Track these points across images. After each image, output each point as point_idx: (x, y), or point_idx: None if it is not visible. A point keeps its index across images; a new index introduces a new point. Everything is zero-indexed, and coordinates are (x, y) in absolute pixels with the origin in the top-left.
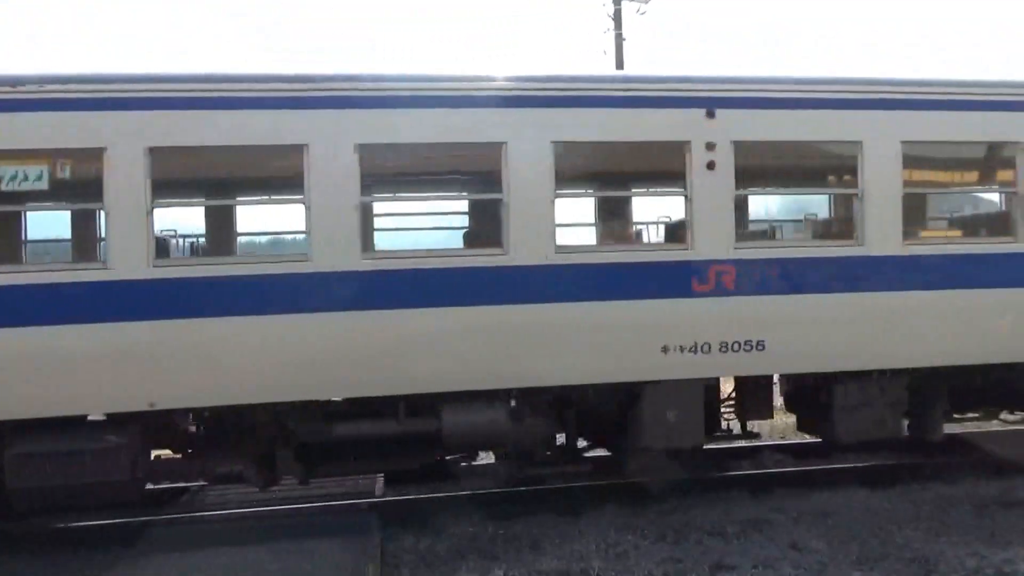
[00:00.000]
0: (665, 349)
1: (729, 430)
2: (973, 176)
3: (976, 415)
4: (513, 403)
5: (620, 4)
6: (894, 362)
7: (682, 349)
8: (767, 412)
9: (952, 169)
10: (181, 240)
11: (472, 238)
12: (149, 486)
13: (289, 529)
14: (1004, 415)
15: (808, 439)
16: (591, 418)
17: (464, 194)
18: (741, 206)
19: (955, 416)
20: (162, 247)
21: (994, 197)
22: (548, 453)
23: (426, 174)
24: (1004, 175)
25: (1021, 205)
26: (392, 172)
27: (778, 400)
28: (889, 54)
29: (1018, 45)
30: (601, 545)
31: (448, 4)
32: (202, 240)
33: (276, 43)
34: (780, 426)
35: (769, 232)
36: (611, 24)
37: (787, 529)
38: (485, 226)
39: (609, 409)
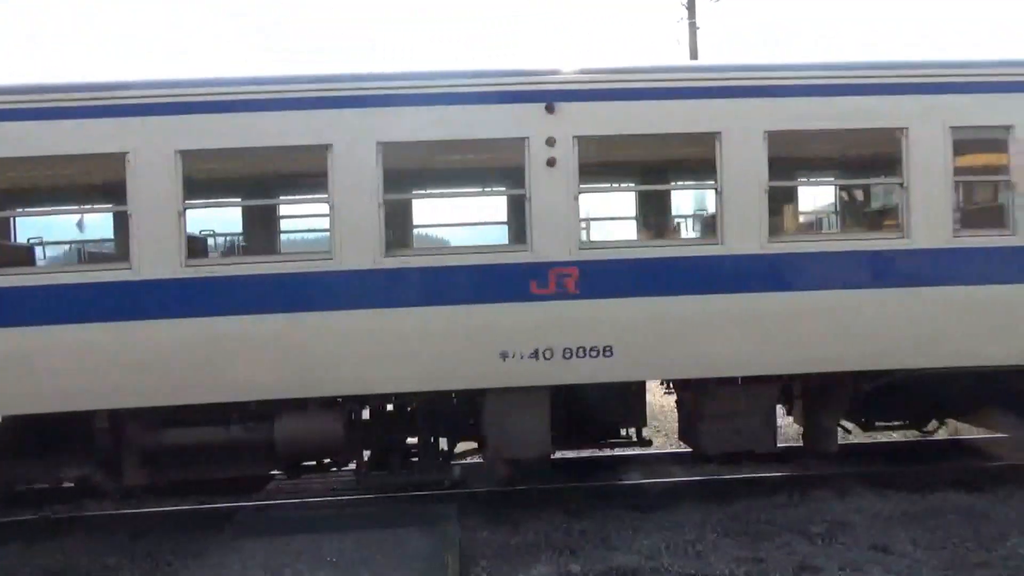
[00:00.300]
0: (504, 355)
1: (628, 436)
2: (852, 166)
3: (901, 424)
4: (351, 411)
5: None
6: (757, 368)
7: (522, 355)
8: (638, 420)
9: (827, 160)
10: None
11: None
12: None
13: (370, 518)
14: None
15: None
16: (449, 425)
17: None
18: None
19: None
20: None
21: (881, 190)
22: (415, 460)
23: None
24: (891, 165)
25: (907, 197)
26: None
27: None
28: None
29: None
30: (677, 542)
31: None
32: None
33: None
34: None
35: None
36: (684, 13)
37: (875, 531)
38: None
39: (463, 416)
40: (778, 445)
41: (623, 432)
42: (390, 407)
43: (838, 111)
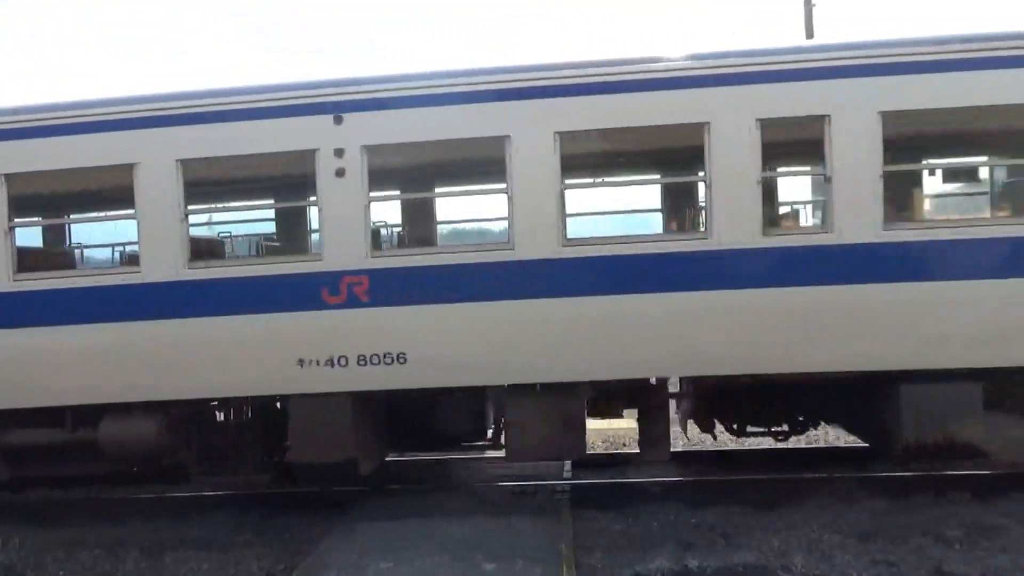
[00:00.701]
0: (301, 362)
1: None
2: (645, 168)
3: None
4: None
5: None
6: (552, 376)
7: (319, 362)
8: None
9: (623, 160)
10: None
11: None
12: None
13: (486, 504)
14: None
15: None
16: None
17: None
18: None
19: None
20: None
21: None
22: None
23: None
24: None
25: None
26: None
27: None
28: None
29: None
30: (802, 541)
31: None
32: None
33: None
34: None
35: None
36: None
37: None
38: None
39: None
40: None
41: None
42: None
43: (634, 108)
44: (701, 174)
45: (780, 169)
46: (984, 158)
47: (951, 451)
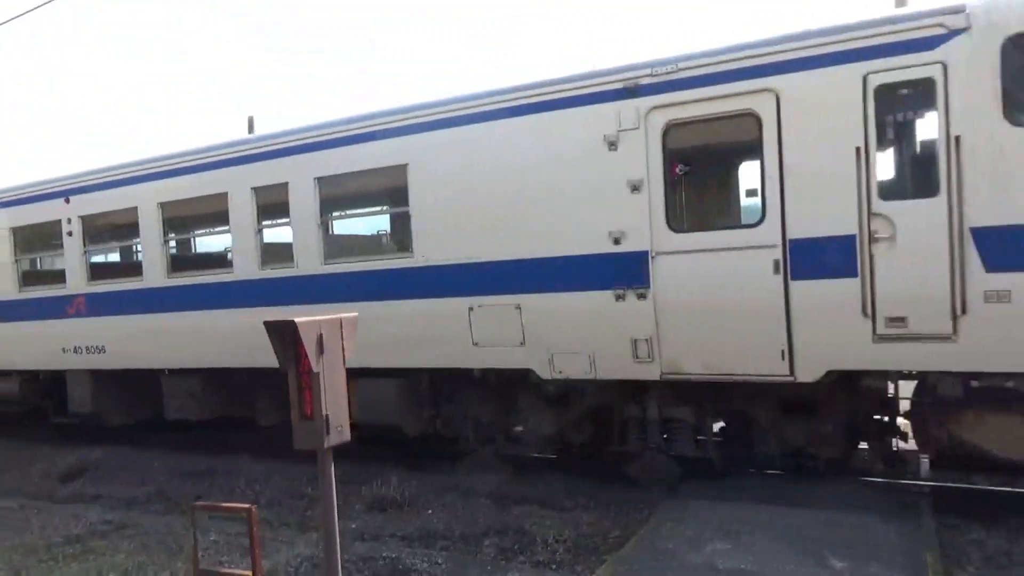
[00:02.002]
0: (64, 350)
1: None
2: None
3: None
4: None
5: None
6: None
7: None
8: None
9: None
10: None
11: None
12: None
13: (830, 497)
14: None
15: None
16: None
17: None
18: None
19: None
20: None
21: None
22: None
23: None
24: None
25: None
26: None
27: None
28: None
29: None
30: None
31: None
32: None
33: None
34: None
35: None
36: None
37: None
38: None
39: None
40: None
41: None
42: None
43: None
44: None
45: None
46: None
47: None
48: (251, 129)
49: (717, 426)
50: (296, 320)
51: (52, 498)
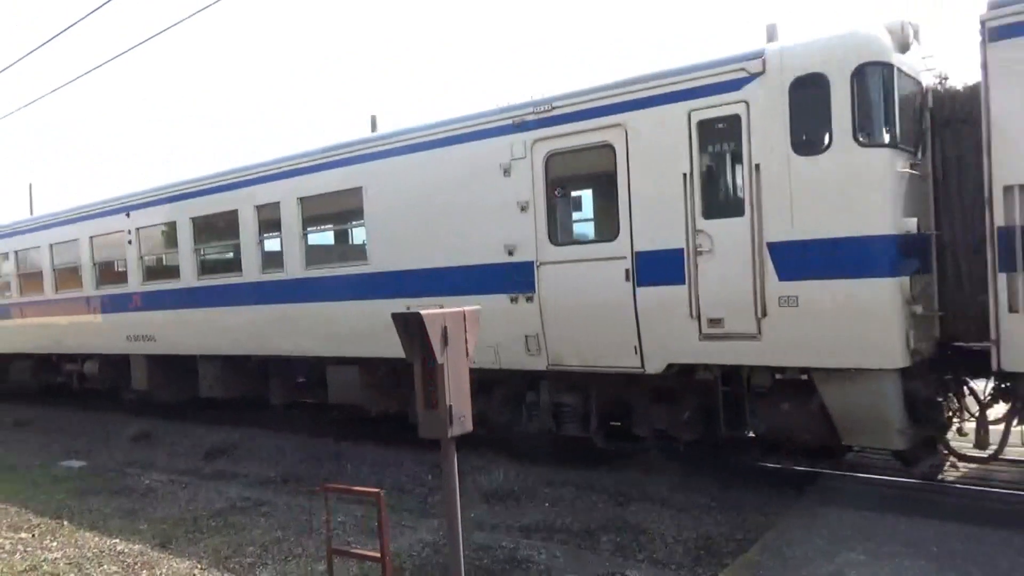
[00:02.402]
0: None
1: None
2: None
3: None
4: None
5: None
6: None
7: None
8: None
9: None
10: None
11: None
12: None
13: (977, 511)
14: None
15: None
16: None
17: None
18: None
19: None
20: None
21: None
22: None
23: None
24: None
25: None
26: None
27: None
28: None
29: None
30: None
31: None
32: None
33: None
34: None
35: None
36: None
37: None
38: None
39: None
40: None
41: None
42: None
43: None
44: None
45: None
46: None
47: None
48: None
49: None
50: (422, 312)
51: (198, 474)
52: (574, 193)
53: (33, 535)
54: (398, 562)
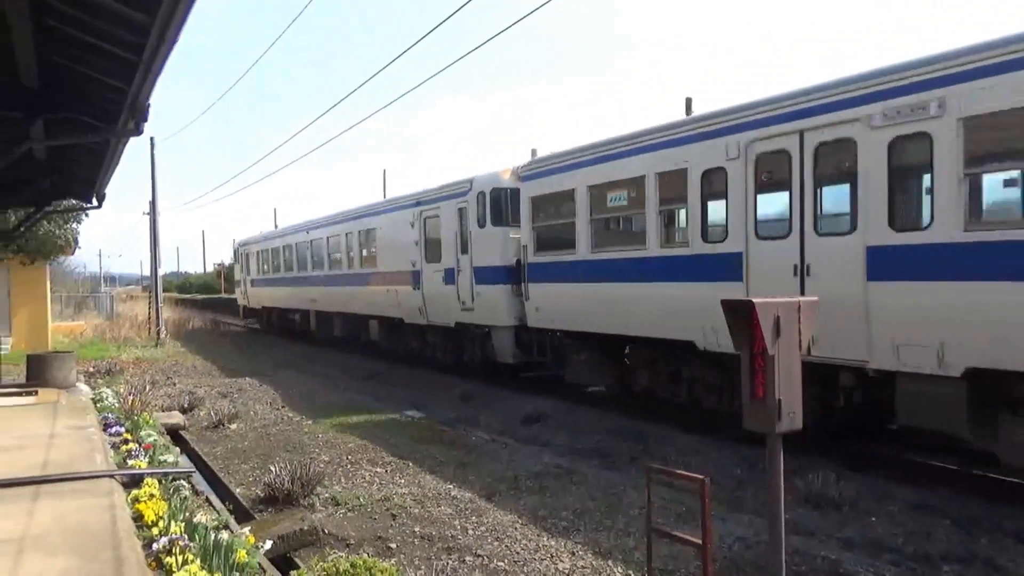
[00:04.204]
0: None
1: None
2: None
3: None
4: None
5: None
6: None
7: None
8: None
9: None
10: None
11: None
12: None
13: None
14: None
15: None
16: None
17: None
18: None
19: None
20: None
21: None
22: None
23: None
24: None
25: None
26: None
27: None
28: None
29: None
30: None
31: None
32: None
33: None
34: None
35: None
36: None
37: None
38: None
39: None
40: None
41: None
42: None
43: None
44: None
45: None
46: None
47: None
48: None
49: None
50: (755, 300)
51: (515, 437)
52: (436, 236)
53: (386, 471)
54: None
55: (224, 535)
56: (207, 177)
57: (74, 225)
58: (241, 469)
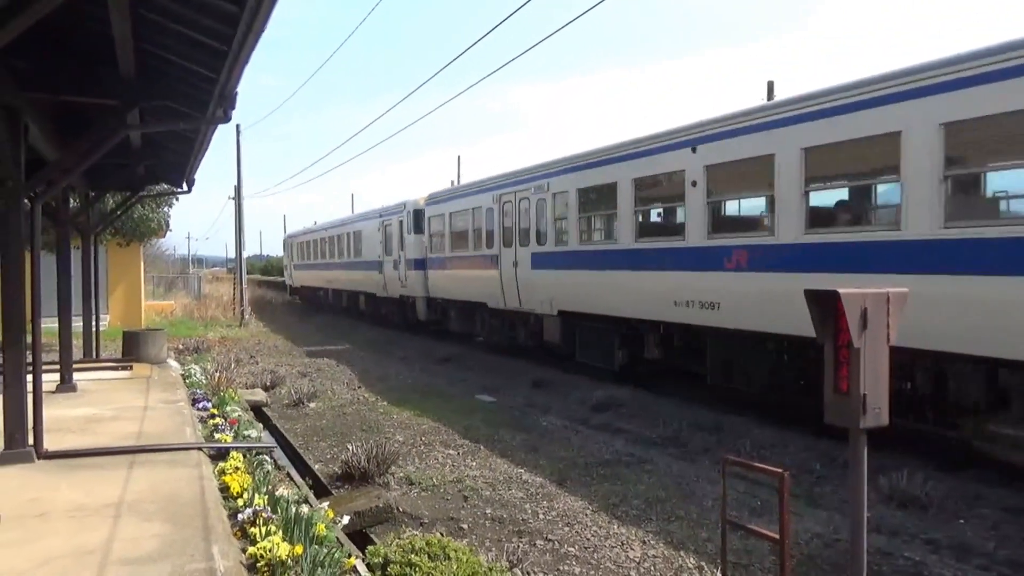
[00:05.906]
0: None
1: None
2: None
3: None
4: None
5: None
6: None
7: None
8: None
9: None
10: None
11: None
12: None
13: None
14: None
15: None
16: None
17: None
18: None
19: None
20: None
21: None
22: None
23: None
24: None
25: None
26: None
27: None
28: None
29: None
30: None
31: None
32: None
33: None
34: None
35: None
36: None
37: None
38: None
39: None
40: None
41: None
42: None
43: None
44: None
45: None
46: None
47: None
48: (770, 95)
49: None
50: (840, 292)
51: (586, 424)
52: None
53: (458, 453)
54: None
55: (304, 509)
56: (289, 164)
57: (166, 209)
58: (319, 447)
